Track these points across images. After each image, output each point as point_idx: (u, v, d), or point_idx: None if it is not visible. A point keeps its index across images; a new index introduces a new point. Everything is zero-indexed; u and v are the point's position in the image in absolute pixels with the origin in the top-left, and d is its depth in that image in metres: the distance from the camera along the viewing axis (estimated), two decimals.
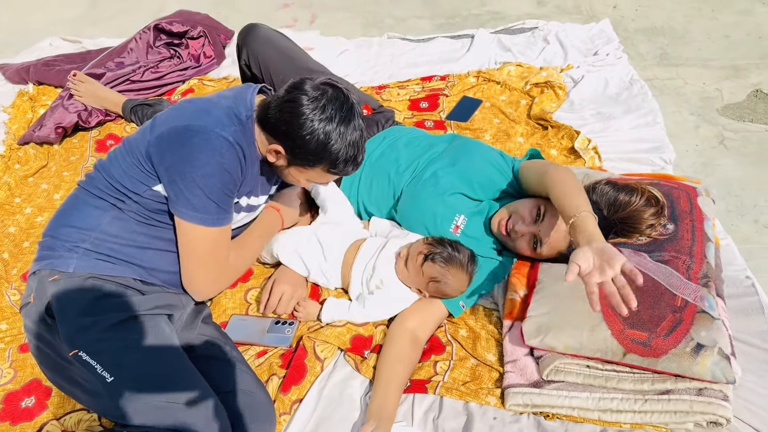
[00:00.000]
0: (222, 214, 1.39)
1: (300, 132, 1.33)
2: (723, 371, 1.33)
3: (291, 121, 1.33)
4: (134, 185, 1.38)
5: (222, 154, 1.32)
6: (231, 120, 1.37)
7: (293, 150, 1.37)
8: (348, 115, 1.35)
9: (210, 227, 1.38)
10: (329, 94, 1.34)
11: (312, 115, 1.32)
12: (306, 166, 1.41)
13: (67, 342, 1.27)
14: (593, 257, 1.30)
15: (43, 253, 1.42)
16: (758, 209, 2.23)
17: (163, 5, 3.76)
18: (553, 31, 3.00)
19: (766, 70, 2.98)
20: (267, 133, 1.40)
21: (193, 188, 1.32)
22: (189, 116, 1.35)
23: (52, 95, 2.64)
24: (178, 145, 1.32)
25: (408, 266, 1.58)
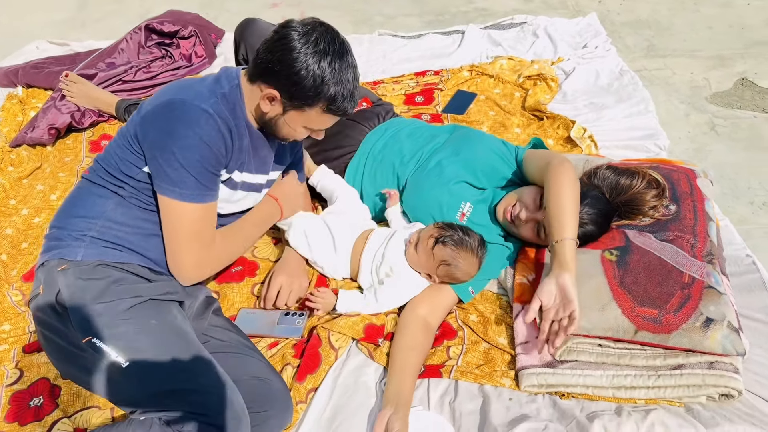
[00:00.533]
0: (202, 190, 1.34)
1: (294, 67, 1.26)
2: (733, 344, 1.35)
3: (283, 58, 1.27)
4: (128, 168, 1.37)
5: (200, 126, 1.29)
6: (212, 93, 1.34)
7: (289, 89, 1.30)
8: (341, 49, 1.30)
9: (189, 203, 1.33)
10: (319, 29, 1.29)
11: (305, 48, 1.25)
12: (303, 107, 1.33)
13: (80, 329, 1.25)
14: (556, 294, 1.43)
15: (50, 243, 1.40)
16: (752, 191, 2.28)
17: (150, 7, 3.73)
18: (541, 26, 3.04)
19: (750, 59, 3.04)
20: (259, 81, 1.34)
21: (171, 161, 1.29)
22: (171, 92, 1.34)
23: (42, 98, 2.60)
24: (159, 119, 1.31)
25: (418, 250, 1.59)
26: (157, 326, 1.27)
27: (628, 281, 1.49)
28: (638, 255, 1.55)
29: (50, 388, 1.46)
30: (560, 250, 1.47)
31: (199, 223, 1.37)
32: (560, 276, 1.44)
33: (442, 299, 1.61)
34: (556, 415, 1.36)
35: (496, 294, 1.71)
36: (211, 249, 1.43)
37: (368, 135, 1.91)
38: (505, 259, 1.72)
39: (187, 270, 1.41)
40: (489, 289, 1.72)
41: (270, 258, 1.82)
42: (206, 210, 1.37)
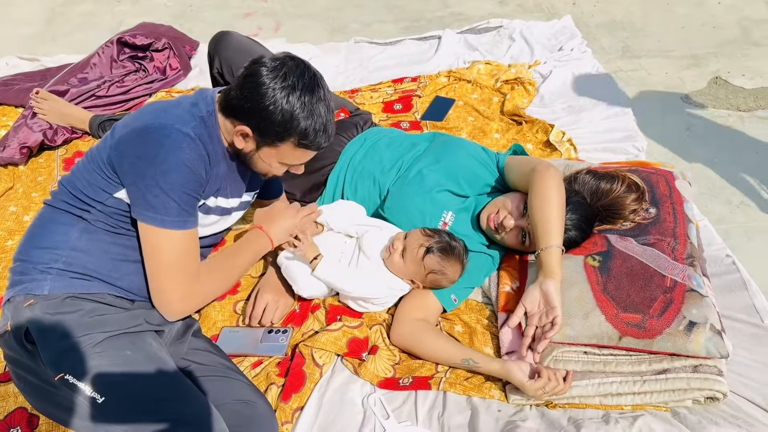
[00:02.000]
0: (184, 216, 1.30)
1: (263, 103, 1.25)
2: (716, 346, 1.35)
3: (252, 95, 1.26)
4: (96, 193, 1.32)
5: (182, 149, 1.26)
6: (191, 116, 1.31)
7: (259, 126, 1.30)
8: (311, 83, 1.29)
9: (171, 230, 1.28)
10: (289, 64, 1.29)
11: (273, 83, 1.25)
12: (275, 143, 1.33)
13: (52, 367, 1.21)
14: (540, 300, 1.47)
15: (15, 278, 1.35)
16: (729, 190, 2.30)
17: (122, 19, 3.67)
18: (517, 29, 3.06)
19: (723, 57, 3.09)
20: (231, 118, 1.33)
21: (152, 187, 1.25)
22: (147, 116, 1.31)
23: (13, 116, 2.54)
24: (137, 144, 1.27)
25: (406, 259, 1.58)
26: (132, 357, 1.23)
27: (611, 287, 1.49)
28: (620, 260, 1.55)
29: (28, 418, 1.42)
30: (546, 258, 1.48)
31: (183, 252, 1.32)
32: (544, 283, 1.45)
33: (430, 308, 1.61)
34: (544, 425, 1.36)
35: (481, 303, 1.70)
36: (197, 280, 1.36)
37: (347, 146, 1.90)
38: (488, 268, 1.71)
39: (174, 304, 1.34)
40: (473, 299, 1.71)
41: (251, 274, 1.79)
42: (189, 237, 1.33)
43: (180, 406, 1.19)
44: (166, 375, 1.23)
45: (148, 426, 1.16)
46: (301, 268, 1.62)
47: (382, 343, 1.58)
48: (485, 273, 1.71)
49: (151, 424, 1.16)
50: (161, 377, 1.22)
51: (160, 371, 1.23)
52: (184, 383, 1.24)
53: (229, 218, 1.55)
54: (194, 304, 1.40)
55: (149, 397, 1.20)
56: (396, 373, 1.52)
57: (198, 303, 1.41)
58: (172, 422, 1.16)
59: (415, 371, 1.51)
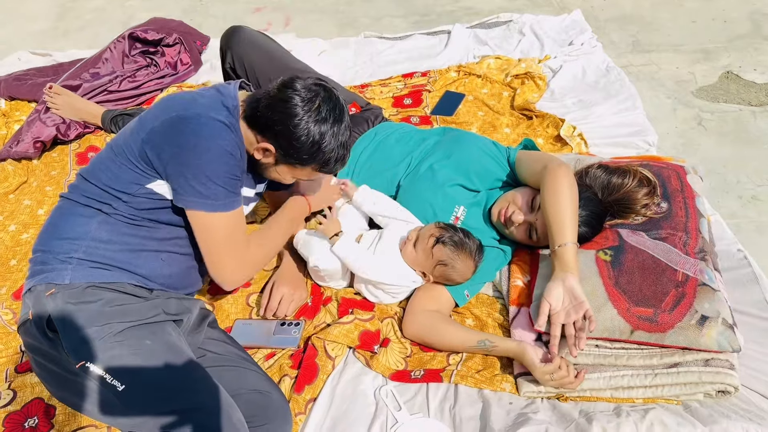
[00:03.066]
0: (231, 197, 1.36)
1: (295, 133, 1.33)
2: (728, 340, 1.36)
3: (285, 121, 1.32)
4: (125, 186, 1.35)
5: (222, 137, 1.31)
6: (220, 106, 1.36)
7: (286, 149, 1.37)
8: (340, 116, 1.37)
9: (222, 212, 1.34)
10: (322, 95, 1.35)
11: (307, 117, 1.32)
12: (296, 166, 1.41)
13: (73, 354, 1.23)
14: (564, 296, 1.45)
15: (36, 268, 1.37)
16: (741, 185, 2.29)
17: (132, 14, 3.69)
18: (527, 24, 3.05)
19: (734, 52, 3.07)
20: (256, 131, 1.38)
21: (198, 175, 1.30)
22: (178, 107, 1.33)
23: (26, 110, 2.57)
24: (175, 135, 1.30)
25: (417, 248, 1.59)
26: (152, 346, 1.25)
27: (623, 281, 1.49)
28: (632, 254, 1.55)
29: (45, 409, 1.44)
30: (562, 255, 1.49)
31: (233, 229, 1.38)
32: (566, 279, 1.45)
33: (443, 301, 1.62)
34: (556, 417, 1.37)
35: (492, 297, 1.71)
36: (247, 251, 1.43)
37: (358, 141, 1.90)
38: (500, 262, 1.72)
39: (230, 274, 1.41)
40: (484, 293, 1.72)
41: (265, 268, 1.80)
42: (237, 215, 1.39)
43: (198, 396, 1.21)
44: (184, 364, 1.25)
45: (167, 414, 1.18)
46: (320, 242, 1.66)
47: (393, 336, 1.59)
48: (497, 267, 1.72)
49: (169, 413, 1.18)
50: (180, 367, 1.24)
51: (179, 361, 1.25)
52: (202, 373, 1.26)
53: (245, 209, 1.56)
54: (249, 272, 1.48)
55: (168, 386, 1.22)
56: (407, 365, 1.53)
57: (252, 270, 1.50)
58: (190, 411, 1.18)
59: (427, 364, 1.52)
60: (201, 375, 1.26)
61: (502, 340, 1.49)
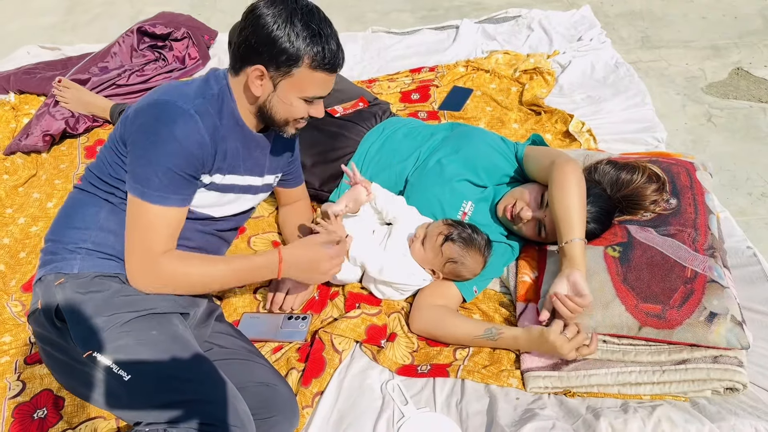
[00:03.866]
0: (164, 192, 1.28)
1: (267, 31, 1.25)
2: (737, 337, 1.35)
3: (255, 30, 1.26)
4: (117, 172, 1.35)
5: (176, 124, 1.26)
6: (198, 94, 1.32)
7: (271, 57, 1.27)
8: (308, 7, 1.29)
9: (147, 203, 1.27)
10: None
11: (272, 11, 1.25)
12: (291, 70, 1.29)
13: (81, 344, 1.24)
14: (568, 290, 1.46)
15: (46, 258, 1.38)
16: (751, 182, 2.28)
17: (141, 8, 3.70)
18: (536, 19, 3.04)
19: (744, 48, 3.04)
20: (245, 68, 1.32)
21: (140, 158, 1.27)
22: (156, 94, 1.33)
23: (35, 104, 2.58)
24: (140, 118, 1.29)
25: (426, 246, 1.59)
26: (158, 337, 1.26)
27: (631, 277, 1.49)
28: (641, 251, 1.55)
29: (54, 400, 1.45)
30: (570, 250, 1.48)
31: (151, 226, 1.30)
32: (571, 274, 1.45)
33: (451, 297, 1.63)
34: (563, 413, 1.36)
35: (499, 293, 1.71)
36: (160, 257, 1.31)
37: (366, 136, 1.90)
38: (507, 257, 1.72)
39: (133, 274, 1.32)
40: (492, 288, 1.72)
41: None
42: (163, 213, 1.30)
43: (203, 387, 1.22)
44: (190, 356, 1.26)
45: (173, 404, 1.18)
46: None
47: (400, 331, 1.59)
48: (504, 263, 1.72)
49: (174, 403, 1.19)
50: (186, 358, 1.25)
51: (185, 352, 1.26)
52: (208, 365, 1.27)
53: (252, 197, 1.54)
54: (152, 282, 1.33)
55: (174, 377, 1.22)
56: (414, 360, 1.53)
57: (160, 282, 1.33)
58: (195, 402, 1.19)
59: (433, 359, 1.52)
60: (207, 367, 1.26)
61: (508, 328, 1.49)
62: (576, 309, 1.43)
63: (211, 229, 1.50)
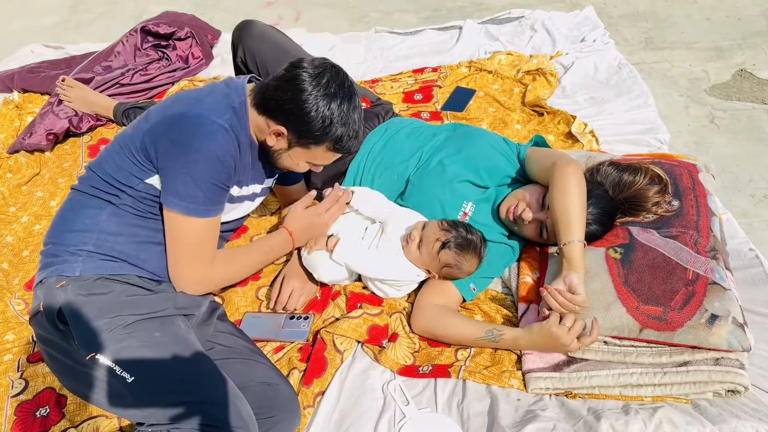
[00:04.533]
0: (209, 205, 1.34)
1: (305, 108, 1.32)
2: (738, 339, 1.35)
3: (294, 98, 1.31)
4: (128, 179, 1.36)
5: (216, 140, 1.30)
6: (225, 107, 1.35)
7: (298, 128, 1.35)
8: (349, 92, 1.36)
9: (194, 217, 1.33)
10: (330, 71, 1.35)
11: (316, 91, 1.31)
12: (310, 145, 1.39)
13: (83, 346, 1.25)
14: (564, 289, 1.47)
15: (47, 260, 1.39)
16: (753, 184, 2.28)
17: (144, 8, 3.71)
18: (539, 20, 3.03)
19: (748, 49, 3.04)
20: (267, 116, 1.37)
21: (182, 174, 1.29)
22: (183, 105, 1.34)
23: (39, 102, 2.59)
24: (172, 131, 1.30)
25: (422, 251, 1.59)
26: (161, 338, 1.27)
27: (633, 279, 1.49)
28: (642, 252, 1.54)
29: (56, 398, 1.46)
30: (569, 252, 1.48)
31: (201, 238, 1.37)
32: (568, 276, 1.45)
33: (451, 295, 1.63)
34: (564, 414, 1.36)
35: (501, 293, 1.71)
36: (211, 266, 1.42)
37: (368, 136, 1.90)
38: (508, 258, 1.72)
39: (187, 285, 1.41)
40: (493, 288, 1.72)
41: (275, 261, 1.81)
42: (209, 225, 1.37)
43: (206, 388, 1.22)
44: (193, 357, 1.26)
45: (175, 405, 1.19)
46: (321, 254, 1.64)
47: (402, 331, 1.59)
48: (505, 263, 1.72)
49: (177, 404, 1.19)
50: (189, 359, 1.25)
51: (188, 353, 1.26)
52: (211, 365, 1.27)
53: (246, 205, 1.58)
54: (205, 288, 1.45)
55: (177, 378, 1.22)
56: (416, 360, 1.53)
57: (212, 286, 1.48)
58: (198, 403, 1.19)
59: (435, 359, 1.52)
60: (209, 367, 1.26)
61: (509, 329, 1.49)
62: (566, 304, 1.43)
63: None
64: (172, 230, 1.36)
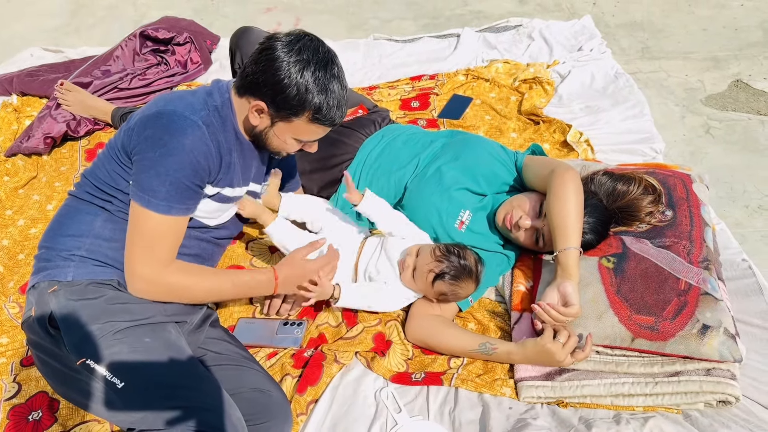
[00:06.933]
0: (171, 202, 1.29)
1: (278, 76, 1.27)
2: (730, 350, 1.36)
3: (267, 68, 1.29)
4: (117, 182, 1.36)
5: (185, 135, 1.27)
6: (204, 105, 1.34)
7: (274, 100, 1.31)
8: (324, 59, 1.31)
9: (153, 212, 1.29)
10: (304, 39, 1.31)
11: (288, 57, 1.28)
12: (290, 117, 1.34)
13: (74, 351, 1.25)
14: (558, 301, 1.47)
15: (40, 265, 1.39)
16: (747, 195, 2.28)
17: (144, 12, 3.72)
18: (536, 29, 3.05)
19: (744, 60, 3.05)
20: (247, 95, 1.35)
21: (148, 168, 1.28)
22: (161, 103, 1.34)
23: (37, 106, 2.59)
24: (146, 128, 1.30)
25: (417, 280, 1.58)
26: (151, 344, 1.27)
27: (625, 289, 1.49)
28: (635, 262, 1.55)
29: (49, 402, 1.46)
30: (564, 259, 1.49)
31: (157, 235, 1.31)
32: (562, 284, 1.46)
33: (447, 306, 1.63)
34: (555, 423, 1.37)
35: (494, 301, 1.72)
36: (165, 269, 1.34)
37: (365, 142, 1.91)
38: (503, 267, 1.72)
39: (137, 283, 1.33)
40: (487, 297, 1.72)
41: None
42: (169, 223, 1.32)
43: (197, 394, 1.22)
44: (183, 363, 1.26)
45: (165, 411, 1.19)
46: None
47: (396, 338, 1.60)
48: (500, 272, 1.72)
49: (168, 410, 1.19)
50: (179, 365, 1.25)
51: (178, 359, 1.26)
52: (201, 371, 1.27)
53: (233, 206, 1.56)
54: (155, 291, 1.35)
55: (167, 384, 1.23)
56: (409, 368, 1.54)
57: (159, 292, 1.35)
58: (188, 408, 1.19)
59: (428, 366, 1.52)
60: (200, 373, 1.27)
61: (502, 343, 1.49)
62: (559, 318, 1.43)
63: (207, 236, 1.51)
64: (131, 223, 1.32)
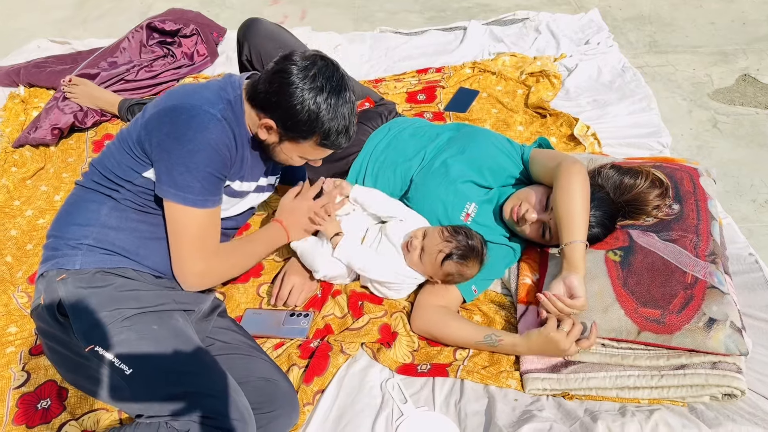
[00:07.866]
0: (206, 195, 1.34)
1: (290, 102, 1.31)
2: (736, 343, 1.36)
3: (281, 91, 1.31)
4: (126, 173, 1.37)
5: (209, 130, 1.30)
6: (219, 99, 1.36)
7: (285, 122, 1.35)
8: (338, 86, 1.34)
9: (194, 208, 1.33)
10: (319, 64, 1.33)
11: (302, 84, 1.30)
12: (298, 139, 1.38)
13: (83, 338, 1.26)
14: (564, 293, 1.47)
15: (48, 254, 1.40)
16: (755, 189, 2.28)
17: (151, 5, 3.72)
18: (543, 22, 3.04)
19: (752, 54, 3.04)
20: (257, 109, 1.38)
21: (177, 165, 1.30)
22: (177, 97, 1.35)
23: (44, 97, 2.60)
24: (166, 123, 1.31)
25: (424, 260, 1.58)
26: (159, 332, 1.28)
27: (632, 282, 1.49)
28: (641, 255, 1.55)
29: (58, 391, 1.47)
30: (570, 252, 1.49)
31: (203, 229, 1.37)
32: (568, 277, 1.46)
33: (451, 296, 1.63)
34: (560, 415, 1.37)
35: (500, 294, 1.72)
36: (215, 258, 1.42)
37: (371, 135, 1.91)
38: (509, 260, 1.72)
39: (191, 277, 1.41)
40: (493, 289, 1.73)
41: (275, 258, 1.82)
42: (210, 215, 1.38)
43: (204, 380, 1.23)
44: (191, 350, 1.28)
45: (174, 397, 1.20)
46: (318, 250, 1.65)
47: (402, 330, 1.60)
48: (506, 265, 1.72)
49: (175, 397, 1.21)
50: (186, 352, 1.27)
51: (186, 346, 1.27)
52: (209, 359, 1.28)
53: (251, 199, 1.58)
54: (210, 280, 1.46)
55: (175, 370, 1.24)
56: (415, 359, 1.54)
57: (214, 279, 1.48)
58: (196, 395, 1.21)
59: (434, 358, 1.53)
60: (207, 361, 1.28)
61: (507, 335, 1.50)
62: (565, 309, 1.43)
63: None
64: (172, 222, 1.36)
